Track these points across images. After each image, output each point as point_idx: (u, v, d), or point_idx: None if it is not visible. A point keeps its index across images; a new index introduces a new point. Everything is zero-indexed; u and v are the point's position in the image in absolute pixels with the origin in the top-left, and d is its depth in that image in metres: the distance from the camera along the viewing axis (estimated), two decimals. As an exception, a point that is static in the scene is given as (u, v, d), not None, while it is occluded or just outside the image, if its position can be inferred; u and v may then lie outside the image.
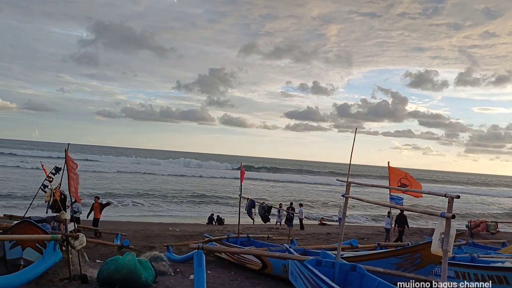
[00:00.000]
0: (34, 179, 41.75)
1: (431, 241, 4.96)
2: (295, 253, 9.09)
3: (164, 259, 10.98)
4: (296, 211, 24.77)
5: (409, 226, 20.37)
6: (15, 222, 11.92)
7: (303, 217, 26.08)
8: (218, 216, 27.02)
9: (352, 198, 7.40)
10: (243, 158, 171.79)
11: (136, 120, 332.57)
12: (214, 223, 26.03)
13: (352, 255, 9.25)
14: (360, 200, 7.56)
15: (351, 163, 8.49)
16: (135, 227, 20.75)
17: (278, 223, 24.74)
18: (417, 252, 7.86)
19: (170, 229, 20.80)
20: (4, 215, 14.88)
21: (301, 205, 27.52)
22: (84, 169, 49.44)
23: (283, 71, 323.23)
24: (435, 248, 4.74)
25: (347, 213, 8.09)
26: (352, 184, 7.55)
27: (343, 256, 8.39)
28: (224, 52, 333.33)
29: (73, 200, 13.85)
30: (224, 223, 26.06)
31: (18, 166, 57.09)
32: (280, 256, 8.62)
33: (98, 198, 18.49)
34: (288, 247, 10.00)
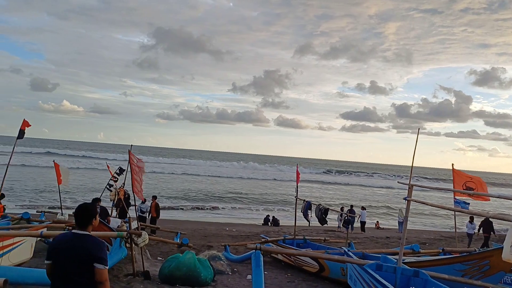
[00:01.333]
0: (96, 179, 44.05)
1: (501, 247, 4.66)
2: (354, 256, 8.90)
3: (222, 258, 11.14)
4: (356, 214, 24.33)
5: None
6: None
7: (365, 220, 25.81)
8: (273, 217, 27.07)
9: (415, 201, 7.12)
10: (298, 159, 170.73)
11: (193, 122, 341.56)
12: (269, 224, 26.10)
13: (414, 260, 8.90)
14: (424, 203, 7.25)
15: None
16: (193, 226, 21.25)
17: (339, 227, 24.33)
18: (485, 258, 7.42)
19: (227, 229, 21.11)
20: (73, 213, 15.78)
21: (363, 208, 27.10)
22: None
23: (338, 71, 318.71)
24: (507, 255, 4.44)
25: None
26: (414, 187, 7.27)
27: (405, 261, 8.08)
28: (279, 54, 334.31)
29: (141, 201, 14.43)
30: (280, 224, 26.05)
31: (79, 167, 60.16)
32: (339, 259, 8.46)
33: (156, 197, 19.14)
34: (346, 250, 9.80)
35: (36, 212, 15.00)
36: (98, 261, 3.62)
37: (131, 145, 13.72)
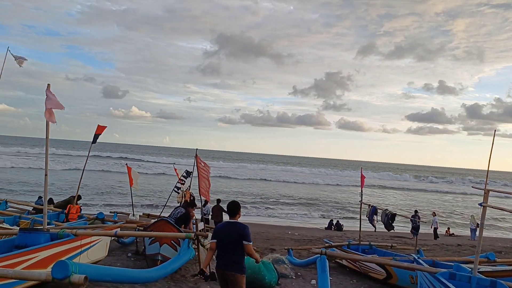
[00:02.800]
0: (162, 182, 45.78)
1: None
2: (424, 264, 8.51)
3: (286, 262, 11.12)
4: (424, 220, 23.33)
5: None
6: (153, 220, 13.18)
7: (437, 226, 24.81)
8: (337, 221, 26.63)
9: (492, 207, 6.68)
10: (361, 163, 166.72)
11: (254, 125, 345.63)
12: (332, 229, 25.71)
13: (491, 269, 8.35)
14: (502, 209, 6.79)
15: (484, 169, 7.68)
16: (255, 229, 21.40)
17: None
18: None
19: (289, 232, 21.05)
20: (143, 213, 16.53)
21: (434, 214, 25.97)
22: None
23: (403, 71, 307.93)
24: None
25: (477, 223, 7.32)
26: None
27: (479, 270, 7.61)
28: (341, 56, 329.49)
29: (203, 203, 14.80)
30: (343, 229, 25.58)
31: (148, 172, 62.69)
32: (408, 267, 8.14)
33: (220, 200, 19.52)
34: (416, 257, 9.41)
35: (109, 212, 15.86)
36: (245, 239, 5.55)
37: (196, 149, 14.13)
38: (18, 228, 9.06)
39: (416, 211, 25.40)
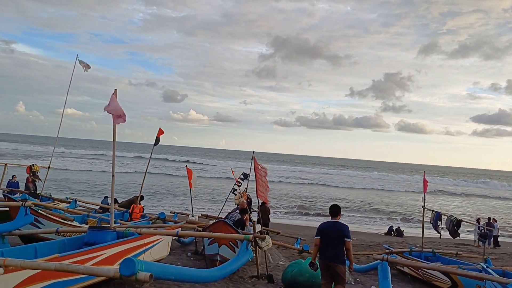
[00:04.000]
0: (219, 183, 46.59)
1: None
2: (494, 274, 8.02)
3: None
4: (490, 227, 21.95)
5: None
6: (211, 221, 13.44)
7: (498, 233, 23.16)
8: (397, 227, 25.76)
9: None
10: (423, 167, 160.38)
11: (310, 128, 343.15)
12: (392, 235, 24.89)
13: None
14: None
15: None
16: (312, 232, 21.07)
17: (475, 241, 22.19)
18: None
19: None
20: (201, 214, 16.89)
21: (494, 220, 24.35)
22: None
23: (468, 71, 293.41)
24: None
25: None
26: None
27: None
28: (400, 56, 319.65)
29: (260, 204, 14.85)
30: (404, 235, 24.69)
31: (206, 176, 64.06)
32: (477, 276, 7.70)
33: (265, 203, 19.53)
34: (484, 266, 8.89)
35: (170, 213, 16.36)
36: (346, 237, 6.87)
37: (253, 151, 14.23)
38: (87, 226, 9.58)
39: (489, 218, 23.99)
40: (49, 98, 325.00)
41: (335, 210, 7.24)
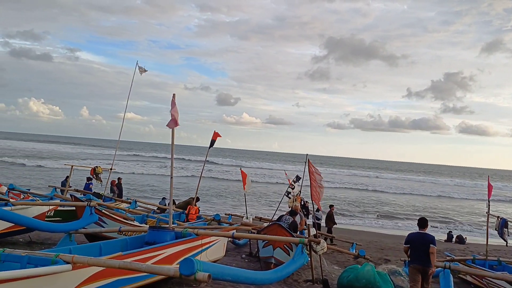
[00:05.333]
0: (273, 186, 46.67)
1: None
2: None
3: (403, 274, 10.56)
4: None
5: None
6: (265, 224, 13.50)
7: None
8: (459, 234, 24.58)
9: None
10: (486, 171, 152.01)
11: (364, 130, 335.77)
12: (453, 241, 23.78)
13: None
14: None
15: None
16: (368, 237, 20.74)
17: None
18: None
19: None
20: (255, 216, 17.02)
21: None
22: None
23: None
24: None
25: None
26: None
27: None
28: (461, 54, 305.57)
29: (316, 208, 14.75)
30: (465, 242, 23.51)
31: (258, 180, 64.32)
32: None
33: (332, 206, 19.29)
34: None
35: (224, 214, 16.61)
36: (432, 243, 7.89)
37: (307, 154, 14.15)
38: (148, 226, 9.94)
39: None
40: (111, 103, 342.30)
41: (422, 222, 8.31)
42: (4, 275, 4.62)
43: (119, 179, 21.26)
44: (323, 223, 19.10)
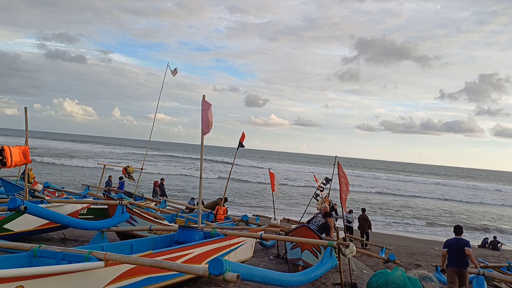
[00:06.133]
0: (301, 188, 46.46)
1: None
2: None
3: (434, 279, 10.34)
4: None
5: None
6: (293, 225, 13.45)
7: None
8: (493, 240, 23.82)
9: None
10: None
11: (395, 133, 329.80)
12: (487, 248, 23.08)
13: None
14: None
15: None
16: (398, 241, 20.38)
17: None
18: None
19: (436, 248, 19.52)
20: (283, 218, 16.98)
21: None
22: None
23: None
24: None
25: None
26: None
27: None
28: (496, 55, 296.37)
29: (347, 210, 14.64)
30: (500, 249, 22.76)
31: (287, 183, 64.18)
32: None
33: (365, 210, 19.07)
34: None
35: (252, 215, 16.63)
36: (467, 246, 8.92)
37: (336, 156, 14.03)
38: (177, 225, 10.07)
39: None
40: (141, 104, 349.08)
41: (458, 229, 9.56)
42: (41, 270, 4.78)
43: (161, 179, 21.46)
44: (355, 226, 18.90)
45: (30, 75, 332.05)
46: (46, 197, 12.10)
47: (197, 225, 8.71)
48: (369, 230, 18.16)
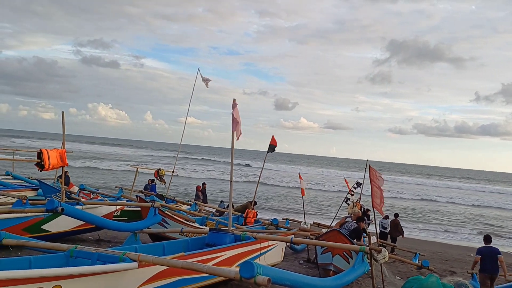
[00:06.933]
0: (331, 192, 45.99)
1: None
2: None
3: (470, 287, 9.99)
4: None
5: None
6: (324, 230, 13.33)
7: None
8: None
9: None
10: None
11: (428, 136, 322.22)
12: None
13: None
14: None
15: None
16: (431, 247, 19.85)
17: None
18: None
19: (471, 255, 18.85)
20: (313, 222, 16.85)
21: None
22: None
23: None
24: None
25: None
26: None
27: None
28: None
29: (384, 215, 14.40)
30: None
31: (314, 188, 63.66)
32: None
33: (397, 215, 18.68)
34: None
35: (282, 219, 16.59)
36: (499, 254, 9.88)
37: (367, 160, 13.82)
38: (208, 228, 10.16)
39: None
40: (172, 108, 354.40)
41: (488, 238, 10.58)
42: (78, 270, 4.92)
43: (203, 184, 21.16)
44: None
45: (66, 81, 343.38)
46: (82, 199, 12.44)
47: (227, 228, 8.76)
48: (401, 236, 17.74)
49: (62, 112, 10.32)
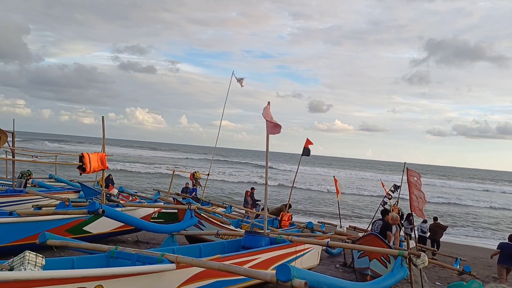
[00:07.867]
0: (367, 196, 45.23)
1: None
2: None
3: (515, 295, 9.58)
4: None
5: None
6: (360, 234, 13.12)
7: None
8: None
9: None
10: None
11: (469, 137, 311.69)
12: None
13: None
14: None
15: None
16: (474, 253, 19.17)
17: None
18: None
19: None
20: (349, 226, 16.61)
21: None
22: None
23: None
24: None
25: None
26: None
27: None
28: None
29: (422, 220, 14.08)
30: None
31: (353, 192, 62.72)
32: None
33: (436, 218, 18.19)
34: None
35: (317, 222, 16.44)
36: None
37: (405, 162, 13.52)
38: (243, 230, 10.21)
39: None
40: (207, 112, 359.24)
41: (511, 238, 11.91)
42: (118, 271, 5.05)
43: (252, 189, 20.93)
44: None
45: (105, 86, 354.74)
46: (121, 201, 12.78)
47: (263, 231, 8.77)
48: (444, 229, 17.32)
49: (102, 117, 10.63)
